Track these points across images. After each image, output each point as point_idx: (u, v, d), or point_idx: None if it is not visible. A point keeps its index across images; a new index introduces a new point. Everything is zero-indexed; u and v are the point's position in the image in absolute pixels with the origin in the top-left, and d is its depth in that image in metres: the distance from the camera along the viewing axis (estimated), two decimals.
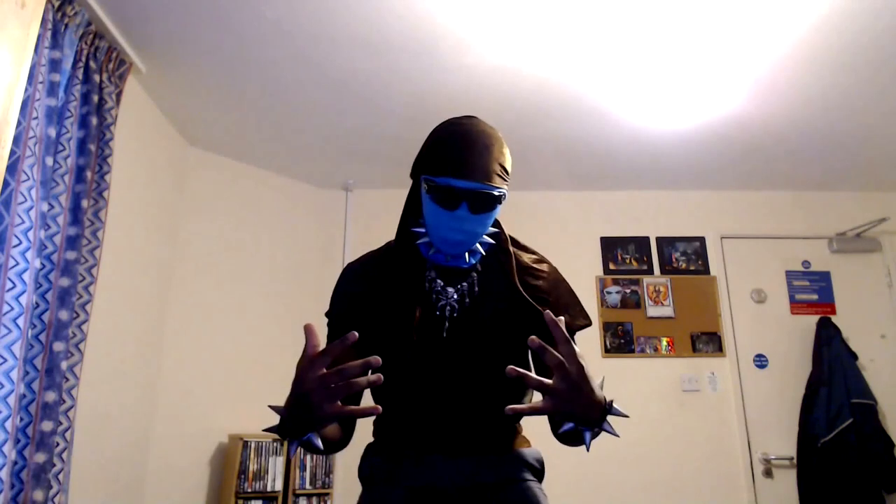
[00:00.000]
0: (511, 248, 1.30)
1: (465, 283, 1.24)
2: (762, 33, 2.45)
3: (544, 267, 1.32)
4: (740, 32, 2.44)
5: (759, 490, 3.41)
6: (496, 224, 1.29)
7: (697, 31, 2.44)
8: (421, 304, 1.22)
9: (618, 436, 1.00)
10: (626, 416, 1.01)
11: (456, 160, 1.14)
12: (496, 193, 1.16)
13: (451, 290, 1.24)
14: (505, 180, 1.18)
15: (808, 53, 2.56)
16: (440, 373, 1.20)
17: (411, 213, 1.27)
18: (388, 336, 1.22)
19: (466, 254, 1.23)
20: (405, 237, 1.27)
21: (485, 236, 1.25)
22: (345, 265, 1.35)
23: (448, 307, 1.22)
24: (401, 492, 1.19)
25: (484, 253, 1.26)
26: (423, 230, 1.25)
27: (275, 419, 1.01)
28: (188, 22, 2.43)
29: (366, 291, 1.27)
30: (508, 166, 1.20)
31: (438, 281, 1.24)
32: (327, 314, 1.31)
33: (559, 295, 1.29)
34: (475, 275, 1.26)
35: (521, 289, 1.24)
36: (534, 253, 1.35)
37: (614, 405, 0.99)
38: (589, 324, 1.30)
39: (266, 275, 3.62)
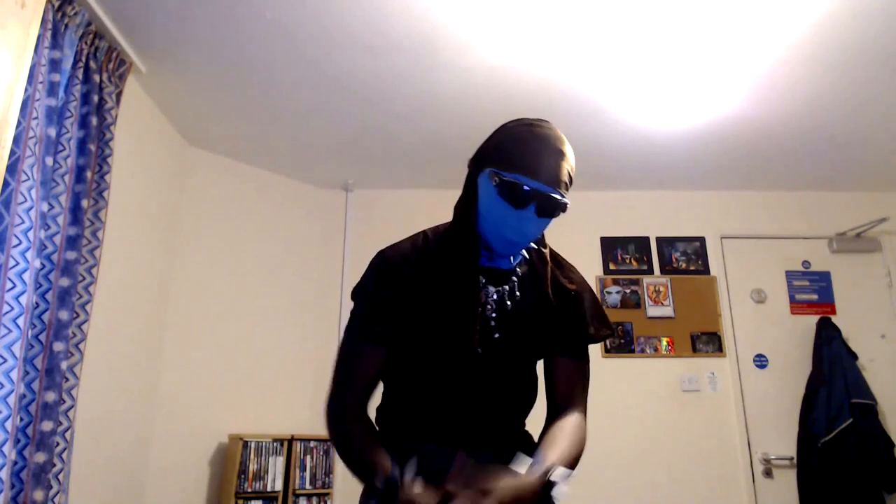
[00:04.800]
0: (549, 259, 1.30)
1: (506, 287, 1.25)
2: (762, 33, 2.45)
3: (575, 276, 1.34)
4: (740, 32, 2.44)
5: (759, 490, 3.41)
6: None
7: (697, 31, 2.44)
8: (475, 308, 1.20)
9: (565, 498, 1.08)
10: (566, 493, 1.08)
11: (532, 159, 1.13)
12: (564, 201, 1.15)
13: (491, 288, 1.24)
14: (568, 190, 1.18)
15: (808, 53, 2.56)
16: (475, 373, 1.21)
17: (469, 207, 1.22)
18: (432, 333, 1.21)
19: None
20: (463, 233, 1.22)
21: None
22: (375, 255, 1.28)
23: (488, 306, 1.23)
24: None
25: (527, 255, 1.28)
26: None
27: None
28: (188, 22, 2.43)
29: (409, 284, 1.22)
30: (573, 177, 1.19)
31: (480, 278, 1.24)
32: (355, 295, 1.26)
33: (586, 305, 1.31)
34: (515, 279, 1.26)
35: (552, 300, 1.26)
36: (566, 262, 1.37)
37: (555, 488, 1.05)
38: (611, 334, 1.34)
39: (266, 275, 3.62)
